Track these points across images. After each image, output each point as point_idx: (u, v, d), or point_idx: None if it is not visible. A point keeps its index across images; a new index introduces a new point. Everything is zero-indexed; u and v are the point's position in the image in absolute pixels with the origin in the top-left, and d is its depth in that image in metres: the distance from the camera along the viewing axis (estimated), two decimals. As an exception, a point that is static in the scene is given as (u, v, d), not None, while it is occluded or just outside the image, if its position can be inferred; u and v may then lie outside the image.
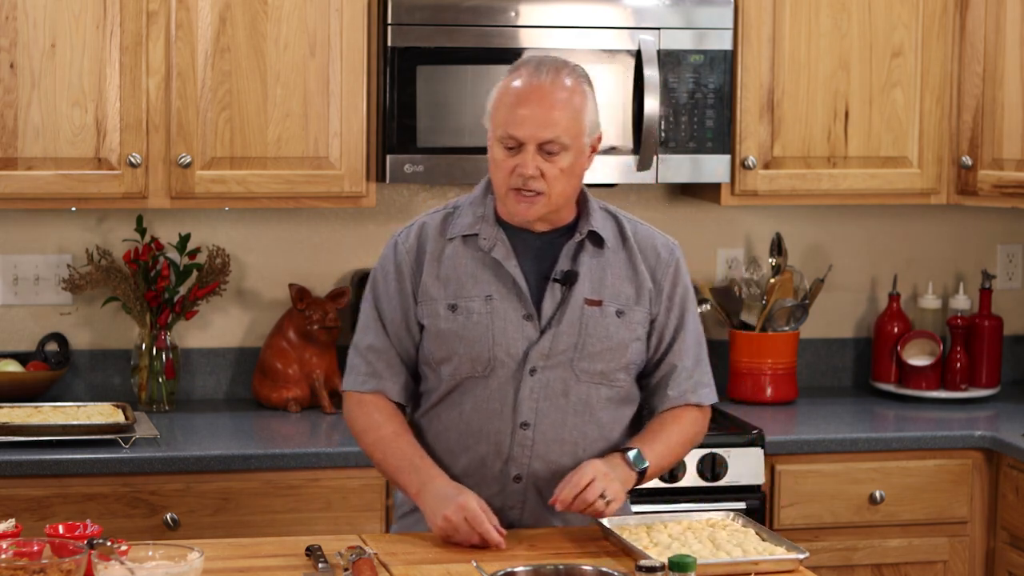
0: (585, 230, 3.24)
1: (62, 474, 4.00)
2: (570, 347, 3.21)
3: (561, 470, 3.21)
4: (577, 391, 3.23)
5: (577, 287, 3.22)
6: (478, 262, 3.22)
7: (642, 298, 3.27)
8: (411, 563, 3.06)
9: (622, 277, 3.26)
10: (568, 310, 3.21)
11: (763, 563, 3.03)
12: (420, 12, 4.30)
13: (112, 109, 4.23)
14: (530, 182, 3.12)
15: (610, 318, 3.23)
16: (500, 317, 3.20)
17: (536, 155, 3.11)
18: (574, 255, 3.24)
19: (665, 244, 3.33)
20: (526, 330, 3.20)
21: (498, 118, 3.14)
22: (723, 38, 4.47)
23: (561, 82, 3.13)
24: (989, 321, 4.93)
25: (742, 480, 4.28)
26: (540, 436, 3.22)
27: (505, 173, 3.14)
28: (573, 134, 3.13)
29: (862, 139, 4.62)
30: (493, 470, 3.24)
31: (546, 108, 3.10)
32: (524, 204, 3.15)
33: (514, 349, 3.20)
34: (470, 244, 3.24)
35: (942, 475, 4.43)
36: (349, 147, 4.34)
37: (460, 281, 3.22)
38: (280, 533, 4.01)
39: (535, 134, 3.10)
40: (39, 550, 2.85)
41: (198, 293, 4.53)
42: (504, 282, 3.21)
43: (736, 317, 4.82)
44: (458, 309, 3.21)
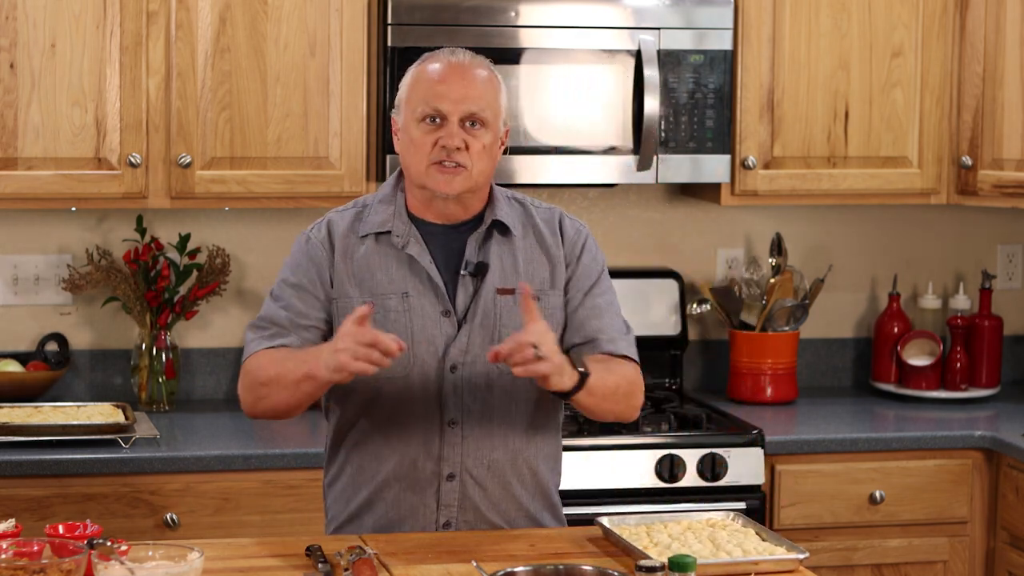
0: (489, 219, 3.21)
1: (62, 474, 4.00)
2: (487, 340, 3.16)
3: (494, 464, 3.21)
4: (500, 382, 3.19)
5: (488, 278, 3.18)
6: (392, 259, 3.19)
7: (557, 281, 3.24)
8: (411, 563, 3.06)
9: (535, 262, 3.23)
10: (481, 302, 3.18)
11: (763, 563, 3.03)
12: (420, 12, 4.30)
13: (112, 109, 4.23)
14: (454, 154, 3.10)
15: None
16: (418, 314, 3.17)
17: (459, 128, 3.11)
18: (482, 246, 3.21)
19: (572, 223, 3.29)
20: (444, 326, 3.17)
21: (417, 97, 3.13)
22: (723, 38, 4.47)
23: (479, 64, 3.17)
24: (989, 321, 4.93)
25: (742, 480, 4.28)
26: (469, 432, 3.20)
27: (426, 149, 3.11)
28: (494, 112, 3.14)
29: (862, 139, 4.62)
30: (425, 472, 3.21)
31: (469, 83, 3.12)
32: (446, 176, 3.11)
33: (434, 347, 3.17)
34: (383, 241, 3.20)
35: (942, 475, 4.43)
36: (349, 147, 4.34)
37: (375, 279, 3.18)
38: (280, 533, 4.01)
39: (460, 106, 3.11)
40: (39, 550, 2.85)
41: (198, 293, 4.53)
42: (419, 278, 3.18)
43: (736, 317, 4.82)
44: (374, 308, 3.11)
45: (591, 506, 4.05)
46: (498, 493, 3.25)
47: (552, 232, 3.27)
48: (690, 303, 4.84)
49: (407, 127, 3.16)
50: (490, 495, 3.25)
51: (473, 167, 3.13)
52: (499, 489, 3.25)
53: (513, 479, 3.26)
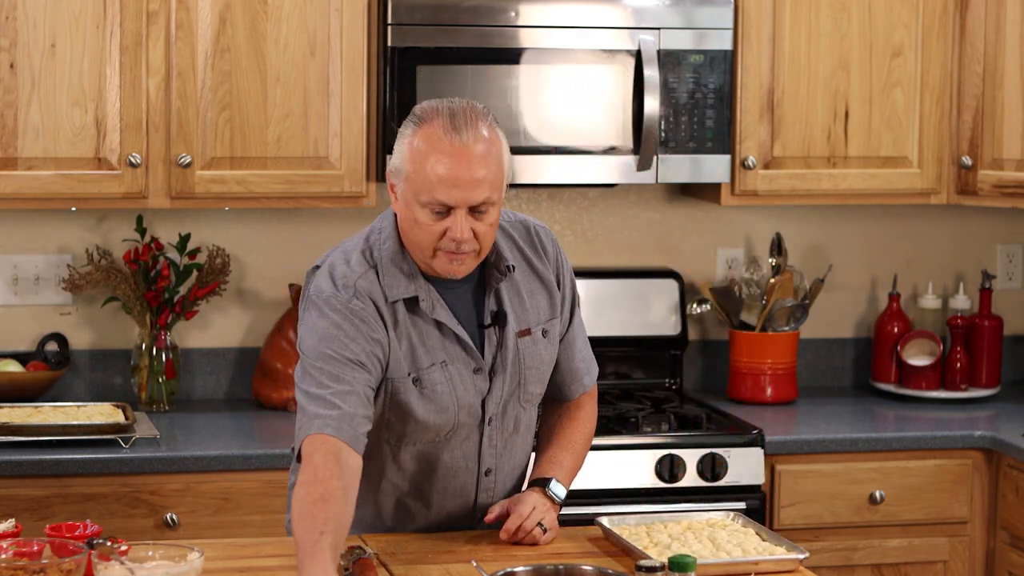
0: (503, 267, 3.14)
1: (62, 474, 4.00)
2: (514, 385, 3.18)
3: (513, 492, 3.28)
4: (523, 420, 3.24)
5: (508, 327, 3.15)
6: (422, 326, 3.10)
7: (555, 306, 3.23)
8: (411, 563, 3.06)
9: (535, 292, 3.21)
10: (507, 351, 3.15)
11: (763, 563, 3.03)
12: (420, 12, 4.30)
13: (112, 109, 4.23)
14: (463, 245, 3.00)
15: (539, 343, 3.19)
16: (458, 381, 3.12)
17: (467, 217, 2.99)
18: (495, 293, 3.16)
19: (546, 234, 3.24)
20: (478, 383, 3.15)
21: (420, 183, 2.97)
22: (723, 38, 4.47)
23: (480, 134, 2.99)
24: (989, 321, 4.93)
25: (742, 480, 4.28)
26: (500, 475, 3.24)
27: (434, 237, 3.00)
28: (499, 187, 3.02)
29: (862, 139, 4.62)
30: (461, 518, 3.24)
31: (473, 170, 2.97)
32: (456, 263, 3.03)
33: (474, 407, 3.15)
34: (411, 306, 3.09)
35: (942, 475, 4.43)
36: (349, 147, 4.34)
37: (415, 350, 3.09)
38: (280, 533, 4.01)
39: (466, 198, 2.97)
40: (39, 550, 2.85)
41: (198, 293, 4.53)
42: (450, 340, 3.11)
43: (736, 317, 4.82)
44: (421, 383, 3.08)
45: (591, 506, 4.05)
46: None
47: (536, 253, 3.22)
48: (690, 303, 4.84)
49: (409, 205, 3.01)
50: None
51: (483, 246, 3.04)
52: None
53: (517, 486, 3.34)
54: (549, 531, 3.17)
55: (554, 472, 3.25)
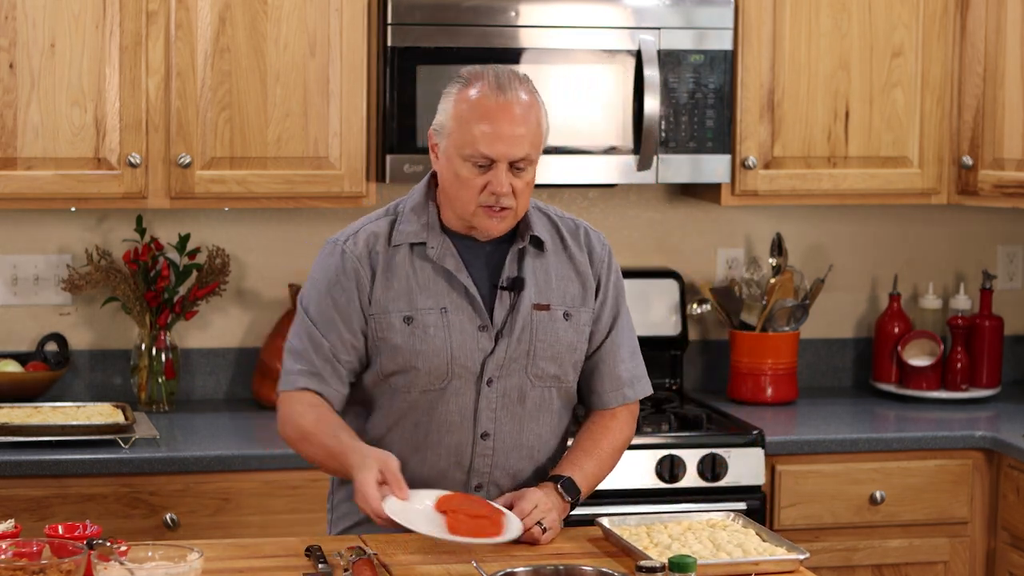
0: (527, 236, 3.22)
1: (62, 474, 4.00)
2: (523, 354, 3.20)
3: (520, 474, 3.24)
4: (532, 396, 3.23)
5: (524, 293, 3.20)
6: (428, 272, 3.18)
7: (587, 298, 3.27)
8: (411, 563, 3.06)
9: (566, 278, 3.26)
10: (519, 317, 3.19)
11: (763, 563, 3.03)
12: (420, 12, 4.30)
13: (112, 109, 4.23)
14: (503, 199, 3.10)
15: (558, 322, 3.22)
16: (456, 330, 3.17)
17: (507, 172, 3.10)
18: (518, 260, 3.22)
19: (597, 237, 3.33)
20: (481, 341, 3.18)
21: (463, 137, 3.10)
22: (723, 38, 4.47)
23: (520, 96, 3.12)
24: (990, 321, 4.93)
25: (742, 480, 4.28)
26: (500, 444, 3.22)
27: (475, 191, 3.11)
28: (537, 147, 3.14)
29: (862, 139, 4.61)
30: (453, 481, 3.22)
31: (515, 126, 3.09)
32: (495, 220, 3.13)
33: (471, 361, 3.17)
34: (417, 253, 3.19)
35: (942, 475, 4.43)
36: (349, 147, 4.34)
37: (412, 292, 3.17)
38: (280, 533, 4.01)
39: (508, 153, 3.08)
40: (39, 550, 2.85)
41: (198, 293, 4.53)
42: (457, 292, 3.18)
43: (736, 317, 4.82)
44: (413, 322, 3.16)
45: (591, 506, 4.04)
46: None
47: (579, 248, 3.29)
48: (690, 303, 4.84)
49: (451, 159, 3.13)
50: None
51: (519, 205, 3.14)
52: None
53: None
54: (549, 531, 3.14)
55: (571, 472, 3.23)
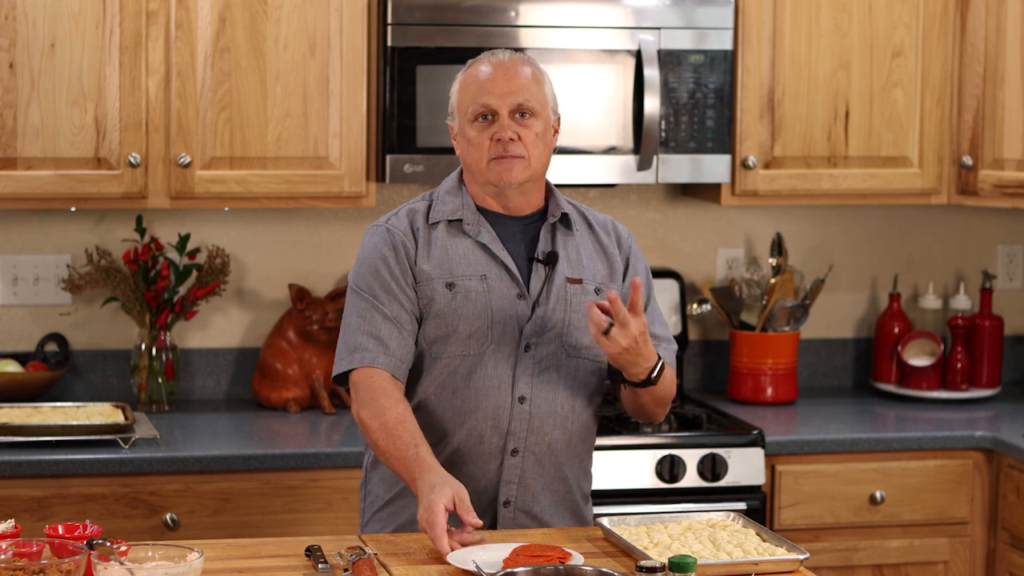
0: (558, 212, 3.36)
1: (62, 474, 4.00)
2: (559, 323, 3.31)
3: (553, 443, 3.32)
4: (567, 366, 3.33)
5: (558, 267, 3.33)
6: (466, 246, 3.33)
7: (615, 275, 3.40)
8: (411, 563, 3.05)
9: (594, 257, 3.39)
10: (553, 288, 3.32)
11: (763, 563, 3.03)
12: (420, 12, 4.30)
13: (112, 109, 4.23)
14: (510, 146, 3.26)
15: (590, 295, 3.35)
16: (497, 295, 3.30)
17: (511, 121, 3.26)
18: (551, 237, 3.36)
19: (624, 230, 3.47)
20: (519, 308, 3.30)
21: (467, 99, 3.29)
22: (723, 38, 4.47)
23: (521, 60, 3.32)
24: (990, 321, 4.93)
25: (742, 480, 4.28)
26: (536, 410, 3.30)
27: (484, 146, 3.27)
28: (540, 101, 3.30)
29: (862, 139, 4.61)
30: (491, 445, 3.30)
31: (513, 77, 3.28)
32: (506, 165, 3.26)
33: (509, 326, 3.29)
34: (454, 229, 3.34)
35: (942, 475, 4.43)
36: (349, 147, 4.34)
37: (452, 262, 3.31)
38: (280, 533, 4.01)
39: (507, 99, 3.26)
40: (39, 550, 2.85)
41: (198, 293, 4.53)
42: (495, 263, 3.32)
43: (736, 317, 4.82)
44: (455, 288, 3.30)
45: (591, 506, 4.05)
46: (552, 473, 3.35)
47: (607, 233, 3.43)
48: (690, 303, 4.84)
49: (463, 130, 3.31)
50: (546, 474, 3.34)
51: (530, 155, 3.28)
52: (553, 469, 3.35)
53: (566, 461, 3.36)
54: (616, 338, 3.13)
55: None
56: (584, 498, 3.44)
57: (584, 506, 3.43)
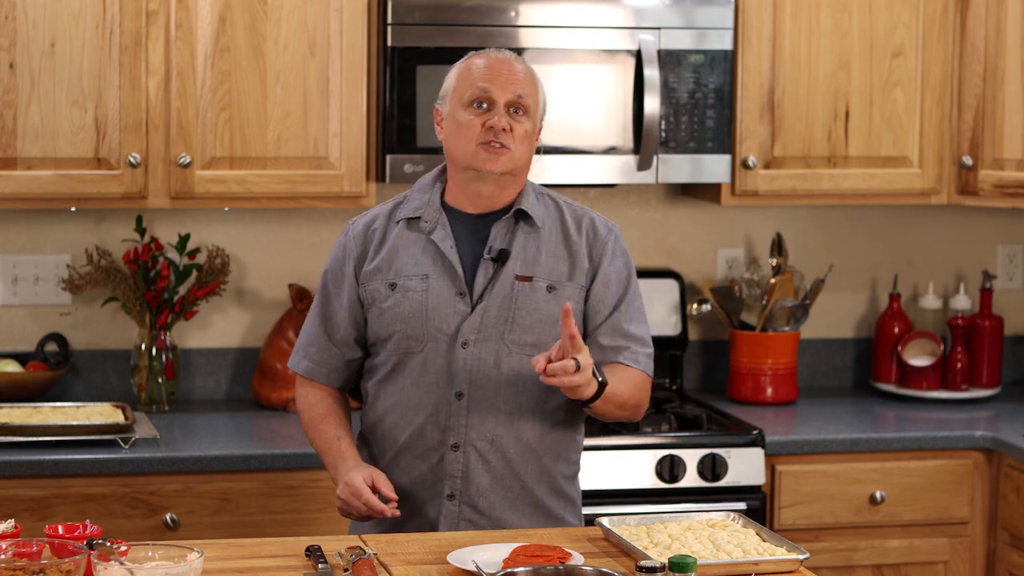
0: (515, 208, 3.41)
1: (62, 474, 4.00)
2: (500, 321, 3.37)
3: (498, 439, 3.37)
4: (509, 363, 3.37)
5: (509, 264, 3.39)
6: (419, 244, 3.42)
7: (576, 275, 3.42)
8: (411, 563, 3.06)
9: (555, 255, 3.42)
10: (498, 285, 3.38)
11: (763, 563, 3.03)
12: (420, 12, 4.30)
13: (112, 109, 4.23)
14: (501, 135, 3.32)
15: (540, 293, 3.38)
16: (434, 294, 3.38)
17: (505, 113, 3.33)
18: (508, 234, 3.41)
19: (603, 223, 3.49)
20: (458, 306, 3.37)
21: (466, 84, 3.35)
22: (723, 38, 4.47)
23: (521, 61, 3.40)
24: (990, 321, 4.93)
25: (742, 480, 4.28)
26: (475, 406, 3.37)
27: (475, 131, 3.33)
28: (534, 101, 3.37)
29: (862, 139, 4.61)
30: (432, 440, 3.39)
31: (514, 73, 3.36)
32: (492, 155, 3.33)
33: (445, 324, 3.37)
34: (413, 227, 3.43)
35: (942, 475, 4.43)
36: (349, 147, 4.34)
37: (401, 262, 3.42)
38: (280, 533, 4.01)
39: (506, 91, 3.33)
40: (39, 550, 2.85)
41: (198, 293, 4.53)
42: (441, 262, 3.39)
43: (736, 317, 4.82)
44: (397, 288, 3.40)
45: (591, 506, 4.05)
46: (501, 469, 3.38)
47: (578, 229, 3.45)
48: (690, 303, 4.84)
49: (454, 113, 3.37)
50: (493, 470, 3.38)
51: (515, 150, 3.35)
52: (502, 466, 3.38)
53: (516, 458, 3.39)
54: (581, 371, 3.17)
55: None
56: (558, 495, 3.44)
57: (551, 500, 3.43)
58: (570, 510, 3.47)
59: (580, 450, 3.50)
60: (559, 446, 3.43)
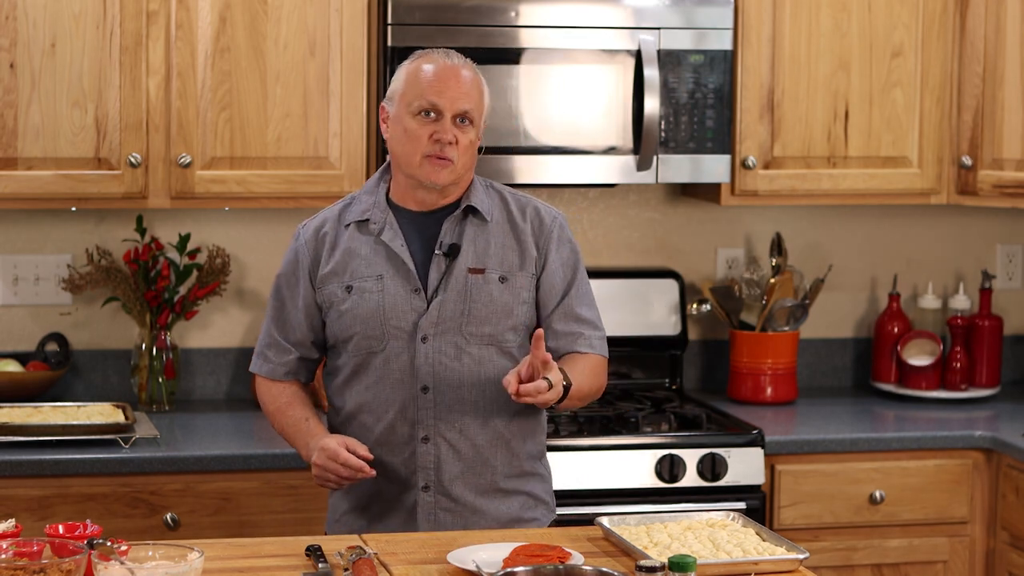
0: (464, 204, 3.46)
1: (62, 474, 4.00)
2: (457, 313, 3.43)
3: (466, 428, 3.44)
4: (469, 354, 3.44)
5: (460, 258, 3.45)
6: (370, 245, 3.46)
7: (526, 264, 3.48)
8: (411, 563, 3.06)
9: (505, 246, 3.48)
10: (452, 279, 3.43)
11: (763, 563, 3.03)
12: (420, 12, 4.30)
13: (112, 109, 4.23)
14: (447, 148, 3.37)
15: (493, 284, 3.45)
16: (390, 293, 3.43)
17: (452, 124, 3.37)
18: (458, 229, 3.46)
19: (548, 212, 3.54)
20: (414, 302, 3.43)
21: (414, 91, 3.38)
22: (723, 38, 4.47)
23: (468, 67, 3.43)
24: (989, 321, 4.93)
25: (742, 480, 4.28)
26: (440, 398, 3.43)
27: (422, 141, 3.37)
28: (479, 112, 3.42)
29: (862, 139, 4.62)
30: (402, 435, 3.44)
31: (462, 83, 3.39)
32: (437, 167, 3.38)
33: (403, 321, 3.43)
34: (363, 229, 3.48)
35: (942, 475, 4.43)
36: (349, 147, 4.35)
37: (354, 264, 3.46)
38: (280, 533, 4.01)
39: (455, 104, 3.37)
40: (39, 550, 2.85)
41: (198, 293, 4.53)
42: (393, 261, 3.44)
43: (736, 317, 4.82)
44: (353, 290, 3.45)
45: (591, 506, 4.05)
46: (471, 457, 3.45)
47: (524, 219, 3.52)
48: (690, 303, 4.84)
49: (400, 117, 3.41)
50: (464, 458, 3.44)
51: (459, 161, 3.40)
52: (472, 453, 3.45)
53: (485, 445, 3.45)
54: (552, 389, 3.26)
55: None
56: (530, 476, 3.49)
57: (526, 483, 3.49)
58: (540, 486, 3.53)
59: (545, 430, 3.57)
60: (525, 429, 3.50)
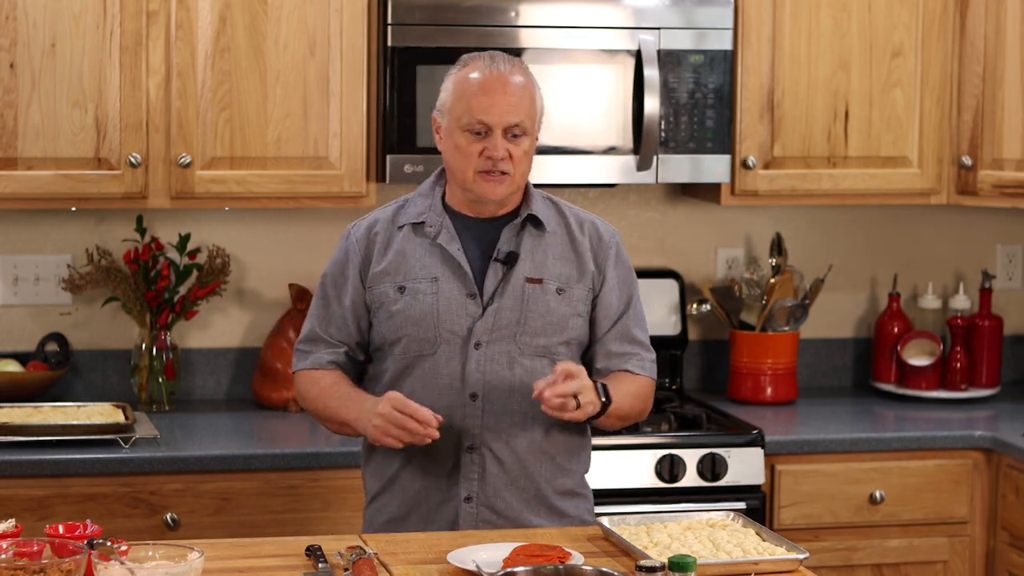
0: (525, 213, 3.42)
1: (62, 474, 4.00)
2: (512, 322, 3.38)
3: (512, 440, 3.39)
4: (521, 364, 3.39)
5: (518, 267, 3.40)
6: (425, 248, 3.42)
7: (584, 277, 3.45)
8: (411, 563, 3.06)
9: (562, 258, 3.44)
10: (509, 288, 3.39)
11: (763, 563, 3.03)
12: (420, 12, 4.30)
13: (112, 109, 4.23)
14: (500, 163, 3.31)
15: (551, 295, 3.41)
16: (445, 296, 3.38)
17: (502, 138, 3.31)
18: (516, 237, 3.42)
19: (606, 228, 3.51)
20: (469, 307, 3.38)
21: (461, 107, 3.32)
22: (723, 38, 4.47)
23: (516, 72, 3.36)
24: (989, 321, 4.93)
25: (742, 480, 4.28)
26: (488, 407, 3.38)
27: (472, 158, 3.33)
28: (532, 119, 3.35)
29: (862, 139, 4.62)
30: (447, 443, 3.37)
31: (510, 95, 3.32)
32: (493, 184, 3.34)
33: (458, 326, 3.38)
34: (418, 231, 3.43)
35: (942, 475, 4.43)
36: (349, 147, 4.34)
37: (408, 265, 3.41)
38: (280, 533, 4.01)
39: (503, 119, 3.31)
40: (39, 550, 2.85)
41: (198, 293, 4.53)
42: (449, 265, 3.39)
43: (736, 317, 4.82)
44: (406, 291, 3.40)
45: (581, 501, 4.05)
46: (516, 470, 3.39)
47: (583, 232, 3.47)
48: (690, 303, 4.84)
49: (451, 132, 3.36)
50: (508, 470, 3.39)
51: (516, 172, 3.35)
52: (517, 466, 3.39)
53: (530, 458, 3.40)
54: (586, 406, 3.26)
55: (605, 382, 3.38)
56: (564, 494, 3.46)
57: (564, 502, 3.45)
58: (584, 506, 3.49)
59: (590, 448, 3.53)
60: (571, 445, 3.45)
